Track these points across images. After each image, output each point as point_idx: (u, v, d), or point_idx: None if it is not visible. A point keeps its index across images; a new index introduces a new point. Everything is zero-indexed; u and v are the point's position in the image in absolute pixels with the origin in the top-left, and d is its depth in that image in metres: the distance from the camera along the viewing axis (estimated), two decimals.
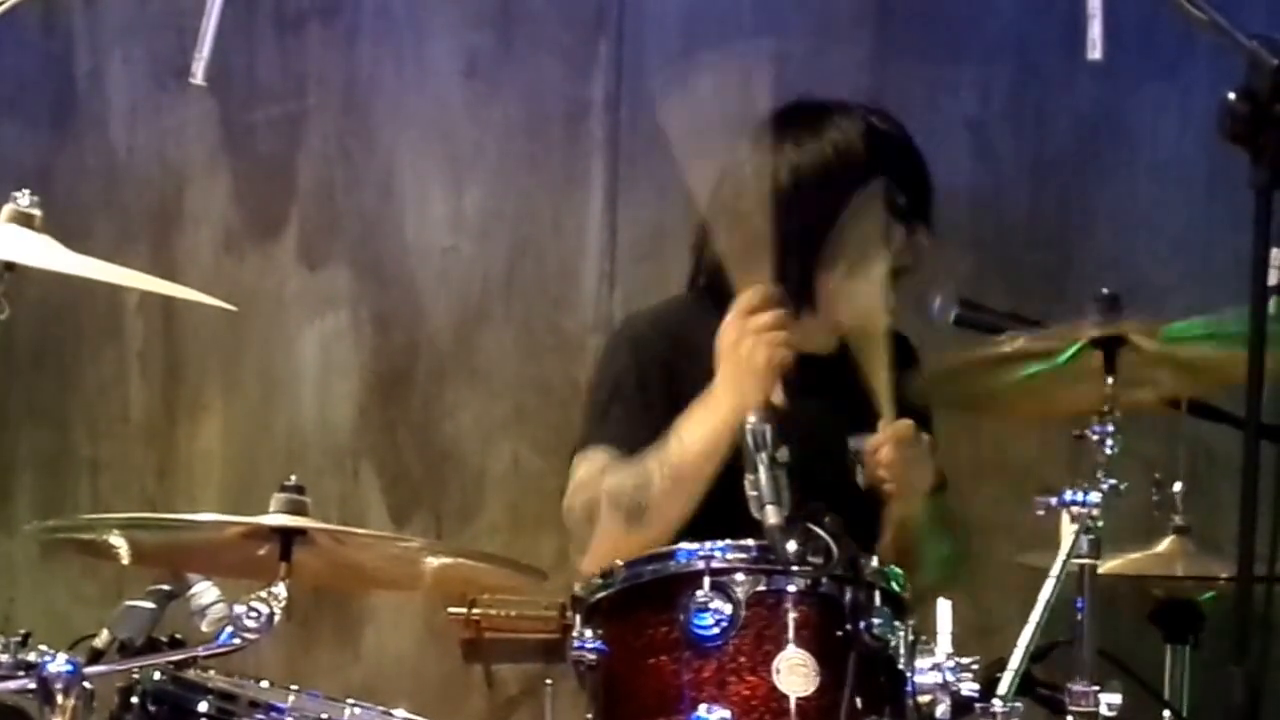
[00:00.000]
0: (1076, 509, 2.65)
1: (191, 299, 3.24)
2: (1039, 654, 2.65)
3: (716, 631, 2.46)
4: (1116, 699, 2.63)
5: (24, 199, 2.83)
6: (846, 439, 2.92)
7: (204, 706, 2.65)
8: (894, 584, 2.55)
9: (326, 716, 2.65)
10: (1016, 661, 2.58)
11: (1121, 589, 3.42)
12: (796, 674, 2.44)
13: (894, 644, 2.49)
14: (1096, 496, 2.65)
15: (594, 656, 2.55)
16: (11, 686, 2.53)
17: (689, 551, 2.53)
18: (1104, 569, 2.72)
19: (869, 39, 4.28)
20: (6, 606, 4.27)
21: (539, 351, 4.26)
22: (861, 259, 2.95)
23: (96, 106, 4.35)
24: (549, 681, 2.77)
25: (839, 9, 4.30)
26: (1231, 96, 1.97)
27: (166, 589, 2.75)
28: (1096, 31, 2.42)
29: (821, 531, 2.43)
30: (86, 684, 2.47)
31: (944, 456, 3.13)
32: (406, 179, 4.33)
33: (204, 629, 2.70)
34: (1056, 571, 2.63)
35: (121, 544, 2.84)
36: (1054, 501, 2.66)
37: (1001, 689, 2.55)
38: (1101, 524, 2.65)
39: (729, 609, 2.46)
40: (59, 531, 3.15)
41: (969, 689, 2.47)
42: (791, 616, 2.48)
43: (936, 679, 2.46)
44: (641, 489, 2.81)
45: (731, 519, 2.53)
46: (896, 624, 2.50)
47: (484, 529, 4.25)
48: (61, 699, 2.44)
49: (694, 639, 2.46)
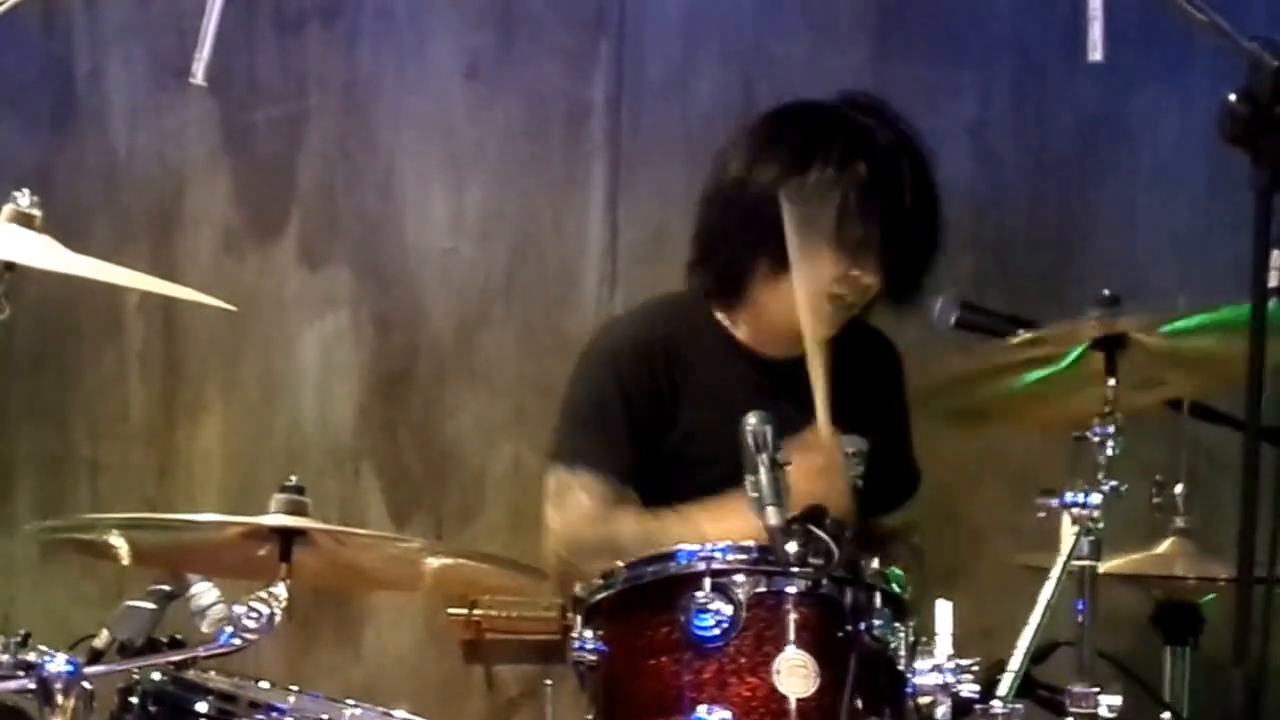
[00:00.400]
0: (1077, 510, 2.65)
1: (191, 299, 3.24)
2: (1039, 655, 2.66)
3: (717, 632, 2.46)
4: (1116, 700, 2.63)
5: (24, 199, 2.83)
6: None
7: (204, 707, 2.65)
8: (894, 585, 2.55)
9: (326, 717, 2.66)
10: (1016, 663, 2.59)
11: (1122, 591, 3.41)
12: (797, 675, 2.44)
13: (894, 645, 2.49)
14: (1097, 498, 2.65)
15: (594, 657, 2.55)
16: (11, 687, 2.53)
17: (690, 553, 2.53)
18: (1104, 570, 2.72)
19: (869, 40, 4.28)
20: (6, 606, 4.26)
21: (539, 352, 4.25)
22: (802, 273, 2.93)
23: (97, 106, 4.35)
24: (549, 682, 2.76)
25: (839, 10, 4.30)
26: (1232, 98, 1.97)
27: (166, 589, 2.75)
28: (1097, 33, 2.42)
29: (822, 533, 2.42)
30: (86, 684, 2.47)
31: (945, 458, 3.13)
32: (407, 180, 4.32)
33: (204, 629, 2.69)
34: (1057, 573, 2.63)
35: (121, 544, 2.84)
36: (1055, 503, 2.67)
37: (1001, 690, 2.55)
38: (1102, 525, 2.65)
39: (729, 610, 2.46)
40: (59, 531, 3.15)
41: (969, 690, 2.47)
42: (792, 618, 2.48)
43: (937, 680, 2.46)
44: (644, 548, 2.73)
45: None
46: (897, 625, 2.51)
47: (484, 530, 4.24)
48: (61, 699, 2.44)
49: (694, 640, 2.46)
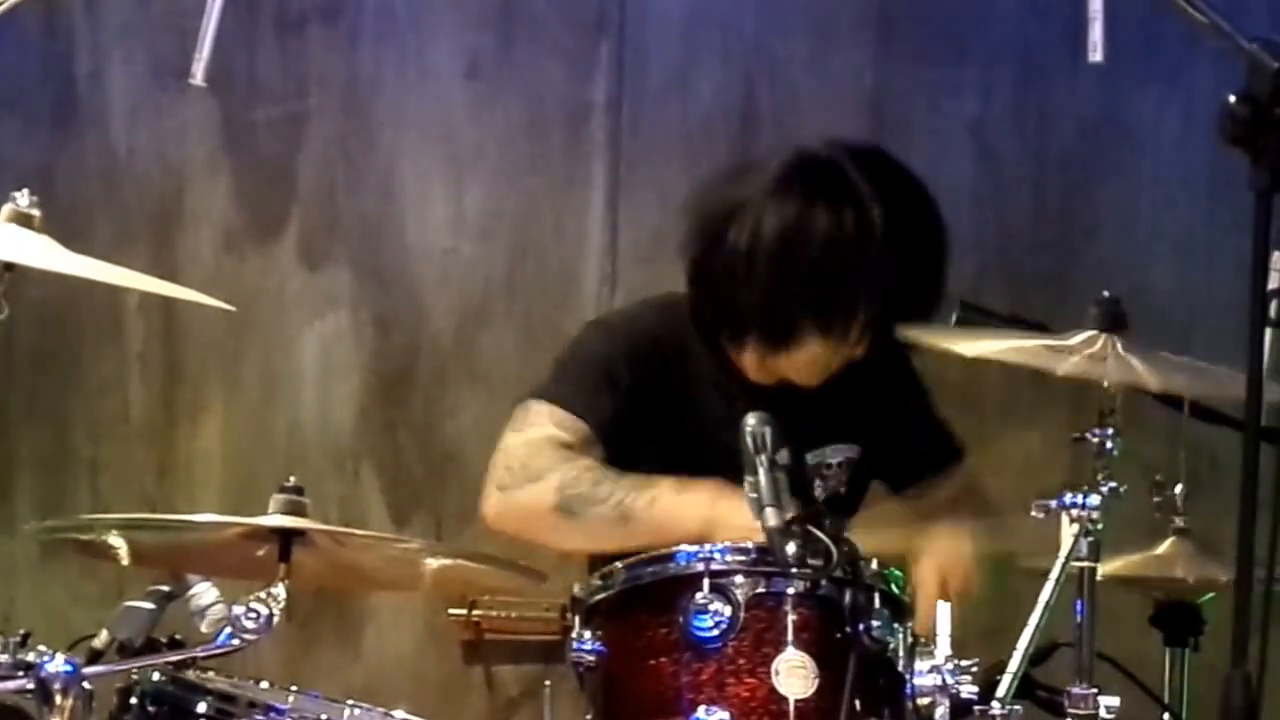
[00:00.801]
0: (1076, 511, 2.64)
1: (192, 299, 3.24)
2: (1038, 656, 2.66)
3: (716, 633, 2.45)
4: (1116, 702, 2.63)
5: (24, 199, 2.82)
6: (804, 456, 2.92)
7: (203, 707, 2.64)
8: (893, 586, 2.54)
9: (326, 717, 2.65)
10: (1016, 664, 2.58)
11: (1121, 591, 3.41)
12: (796, 676, 2.44)
13: (893, 646, 2.49)
14: (1096, 499, 2.65)
15: (593, 658, 2.55)
16: (11, 686, 2.53)
17: (689, 553, 2.53)
18: (1104, 571, 2.72)
19: (871, 41, 4.28)
20: (6, 606, 4.27)
21: (540, 353, 4.22)
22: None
23: (97, 107, 4.35)
24: (549, 683, 2.75)
25: (841, 11, 4.30)
26: (1232, 99, 1.96)
27: (166, 589, 2.74)
28: (1098, 34, 2.42)
29: (821, 534, 2.42)
30: (85, 684, 2.47)
31: None
32: (407, 180, 4.33)
33: (203, 630, 2.69)
34: (1056, 574, 2.63)
35: (121, 544, 2.83)
36: (1054, 504, 2.66)
37: (1001, 691, 2.55)
38: (1101, 526, 2.65)
39: (728, 611, 2.45)
40: (59, 531, 3.15)
41: (968, 691, 2.47)
42: (791, 618, 2.47)
43: (936, 681, 2.46)
44: (587, 503, 2.80)
45: None
46: (896, 626, 2.50)
47: (484, 530, 4.23)
48: (60, 699, 2.44)
49: (693, 641, 2.46)
